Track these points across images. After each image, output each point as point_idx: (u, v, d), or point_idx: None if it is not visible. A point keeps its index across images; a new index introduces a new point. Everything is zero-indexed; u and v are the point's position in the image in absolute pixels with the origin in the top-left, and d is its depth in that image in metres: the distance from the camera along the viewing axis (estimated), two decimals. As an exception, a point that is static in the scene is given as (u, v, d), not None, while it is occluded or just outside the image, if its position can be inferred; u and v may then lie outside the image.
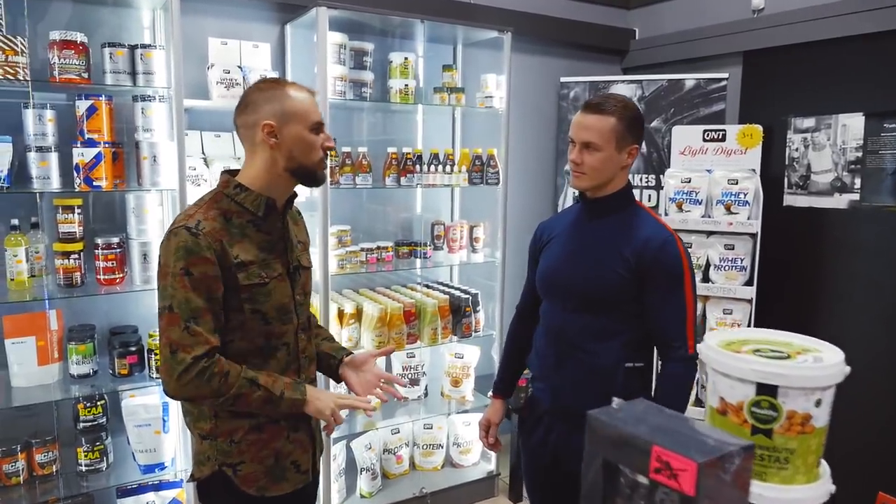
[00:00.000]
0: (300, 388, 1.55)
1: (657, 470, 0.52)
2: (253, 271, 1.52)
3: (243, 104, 1.56)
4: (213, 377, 1.42)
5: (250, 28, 2.90)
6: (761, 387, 0.72)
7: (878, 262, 2.93)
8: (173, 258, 1.44)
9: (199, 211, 1.51)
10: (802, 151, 3.17)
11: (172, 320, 1.42)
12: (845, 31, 2.92)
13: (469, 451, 3.38)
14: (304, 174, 1.59)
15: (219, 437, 1.54)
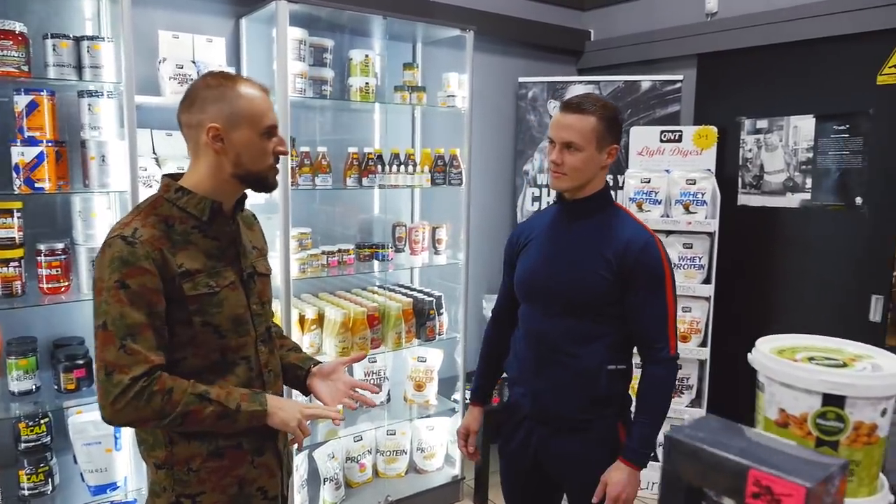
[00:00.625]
0: (259, 398, 1.41)
1: (755, 495, 0.49)
2: (200, 280, 1.39)
3: (188, 100, 1.41)
4: (154, 396, 1.28)
5: (202, 21, 2.76)
6: (828, 397, 0.69)
7: (828, 260, 3.04)
8: (108, 271, 1.30)
9: (135, 218, 1.38)
10: (756, 152, 3.25)
11: (107, 339, 1.28)
12: (796, 36, 3.02)
13: (433, 456, 3.32)
14: (253, 181, 1.45)
15: (175, 465, 1.40)
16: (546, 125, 3.72)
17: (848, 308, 2.94)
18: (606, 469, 1.73)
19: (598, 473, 1.74)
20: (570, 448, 1.79)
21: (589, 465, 1.76)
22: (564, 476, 1.85)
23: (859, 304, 2.90)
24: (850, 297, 2.95)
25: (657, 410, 1.73)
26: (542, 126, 3.73)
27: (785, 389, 0.74)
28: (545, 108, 3.72)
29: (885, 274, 2.86)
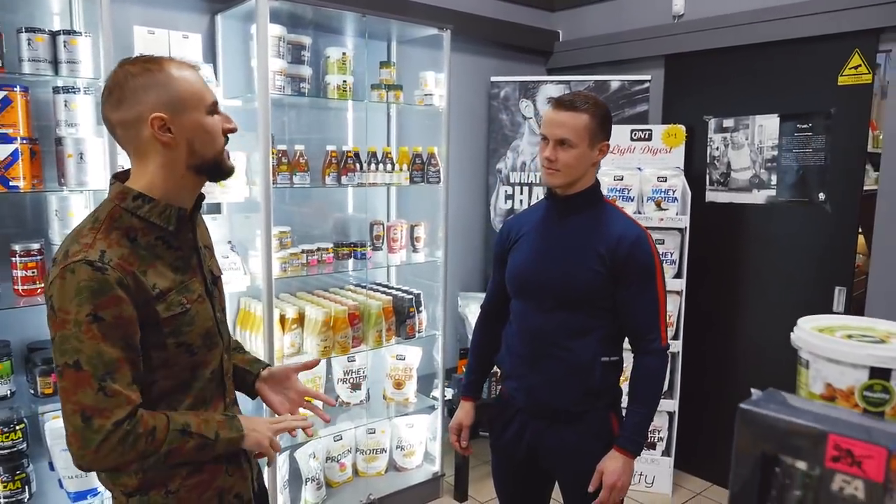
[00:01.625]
0: (234, 423, 1.34)
1: (835, 458, 0.52)
2: (173, 300, 1.27)
3: (114, 96, 1.23)
4: (139, 439, 1.18)
5: (177, 18, 2.71)
6: (875, 371, 0.74)
7: (792, 253, 3.16)
8: (74, 303, 1.15)
9: (98, 236, 1.21)
10: (723, 150, 3.37)
11: (82, 380, 1.15)
12: (760, 38, 3.13)
13: (413, 454, 3.33)
14: (210, 168, 1.32)
15: (151, 490, 1.30)
16: (518, 124, 3.77)
17: (812, 299, 3.07)
18: (598, 457, 1.78)
19: (592, 463, 1.78)
20: (565, 440, 1.83)
21: (583, 455, 1.80)
22: (558, 467, 1.89)
23: (823, 295, 3.04)
24: (814, 288, 3.08)
25: (650, 400, 1.79)
26: (515, 125, 3.78)
27: (832, 365, 0.79)
28: (517, 108, 3.77)
29: (846, 266, 3.00)
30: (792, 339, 0.87)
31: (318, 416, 1.60)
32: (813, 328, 0.84)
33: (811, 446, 0.53)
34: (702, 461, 3.49)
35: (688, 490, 3.44)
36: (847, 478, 0.52)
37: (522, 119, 3.76)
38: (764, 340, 3.27)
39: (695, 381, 3.39)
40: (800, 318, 0.89)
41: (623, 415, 1.84)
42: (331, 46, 2.96)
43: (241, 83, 2.85)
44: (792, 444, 0.54)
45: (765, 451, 0.56)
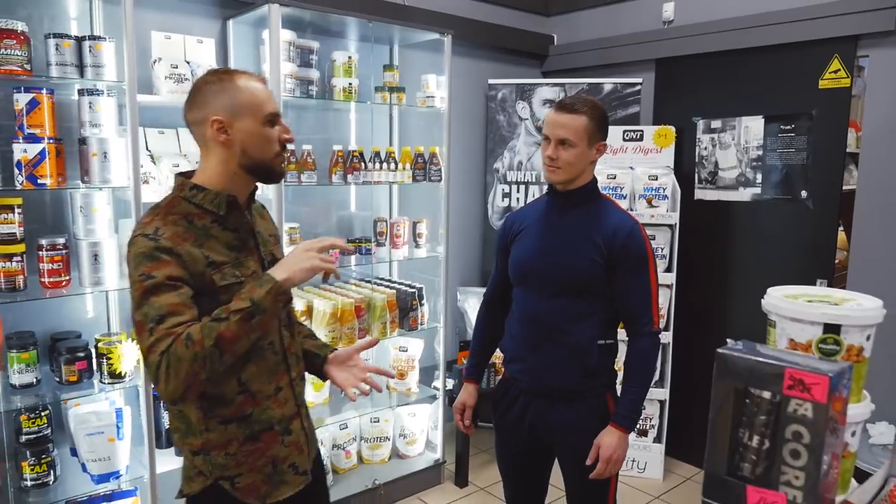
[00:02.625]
0: (262, 278, 1.41)
1: (790, 387, 0.66)
2: (227, 271, 1.44)
3: (191, 99, 1.47)
4: (177, 350, 1.30)
5: (191, 23, 2.84)
6: (828, 327, 0.89)
7: (776, 248, 3.32)
8: (133, 266, 1.37)
9: (155, 218, 1.42)
10: (711, 150, 3.52)
11: (140, 328, 1.34)
12: (746, 43, 3.29)
13: (415, 442, 3.47)
14: (261, 171, 1.49)
15: (212, 450, 1.47)
16: (515, 125, 3.92)
17: (795, 292, 3.22)
18: (596, 434, 1.92)
19: (590, 439, 1.92)
20: (565, 417, 1.97)
21: (582, 432, 1.95)
22: (558, 443, 2.03)
23: (805, 287, 3.19)
24: (797, 281, 3.20)
25: (643, 379, 1.93)
26: (511, 126, 3.92)
27: (793, 323, 0.93)
28: (514, 109, 3.91)
29: (828, 260, 3.16)
30: (762, 305, 1.01)
31: (374, 386, 1.75)
32: (781, 295, 0.99)
33: (773, 379, 0.67)
34: (691, 448, 3.64)
35: (678, 475, 3.60)
36: (799, 401, 0.67)
37: (519, 120, 3.90)
38: (750, 331, 3.40)
39: (685, 371, 3.54)
40: (769, 288, 1.03)
41: (618, 394, 1.98)
42: (337, 51, 3.09)
43: (252, 85, 2.97)
44: (758, 379, 0.68)
45: (737, 386, 0.70)
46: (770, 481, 0.70)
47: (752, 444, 0.72)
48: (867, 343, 0.99)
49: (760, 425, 0.71)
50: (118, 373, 2.43)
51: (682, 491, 3.46)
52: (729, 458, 0.74)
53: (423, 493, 3.37)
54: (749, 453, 0.72)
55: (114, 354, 2.42)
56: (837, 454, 0.76)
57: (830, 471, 0.75)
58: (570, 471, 2.03)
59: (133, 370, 2.48)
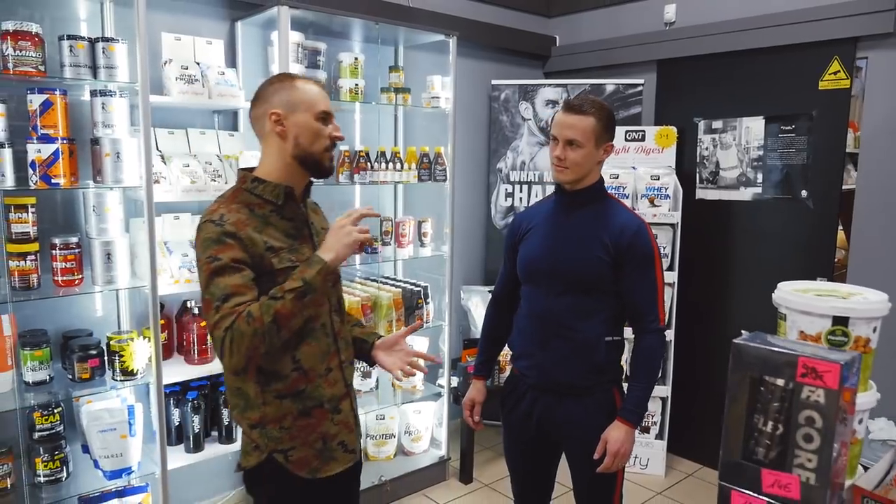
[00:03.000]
0: (312, 259, 1.54)
1: (803, 374, 0.70)
2: (284, 256, 1.56)
3: (255, 98, 1.64)
4: (240, 325, 1.44)
5: (200, 24, 2.87)
6: (836, 319, 0.93)
7: (777, 247, 3.37)
8: (201, 250, 1.51)
9: (221, 206, 1.58)
10: (712, 150, 3.57)
11: (207, 305, 1.50)
12: (747, 45, 3.34)
13: (420, 439, 3.50)
14: (311, 162, 1.62)
15: (268, 424, 1.59)
16: (518, 125, 3.95)
17: (795, 290, 3.27)
18: (603, 429, 1.96)
19: (597, 434, 1.96)
20: (573, 413, 2.01)
21: (589, 427, 1.98)
22: (566, 438, 2.06)
23: (805, 286, 3.24)
24: (798, 279, 3.28)
25: (650, 375, 1.97)
26: (514, 126, 3.96)
27: (803, 316, 0.98)
28: (517, 109, 3.95)
29: (828, 258, 3.20)
30: (773, 298, 1.05)
31: (420, 370, 1.86)
32: (791, 289, 1.03)
33: (786, 367, 0.71)
34: (693, 444, 3.68)
35: (680, 472, 3.64)
36: (812, 388, 0.71)
37: (522, 120, 3.94)
38: (751, 329, 3.46)
39: (686, 368, 3.58)
40: (779, 283, 1.07)
41: (624, 390, 2.02)
42: (343, 52, 3.13)
43: (259, 86, 3.00)
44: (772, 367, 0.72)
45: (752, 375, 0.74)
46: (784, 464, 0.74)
47: (766, 430, 0.76)
48: (874, 335, 1.03)
49: (774, 411, 0.75)
50: (130, 370, 2.46)
51: (684, 487, 3.50)
52: (744, 443, 0.77)
53: (428, 489, 3.41)
54: (763, 438, 0.76)
55: (126, 352, 2.45)
56: (846, 442, 0.80)
57: (840, 457, 0.79)
58: (577, 465, 2.07)
59: (144, 367, 2.51)
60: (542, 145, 3.93)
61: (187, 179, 2.61)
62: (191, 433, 2.73)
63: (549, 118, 3.90)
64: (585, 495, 2.11)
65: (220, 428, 2.82)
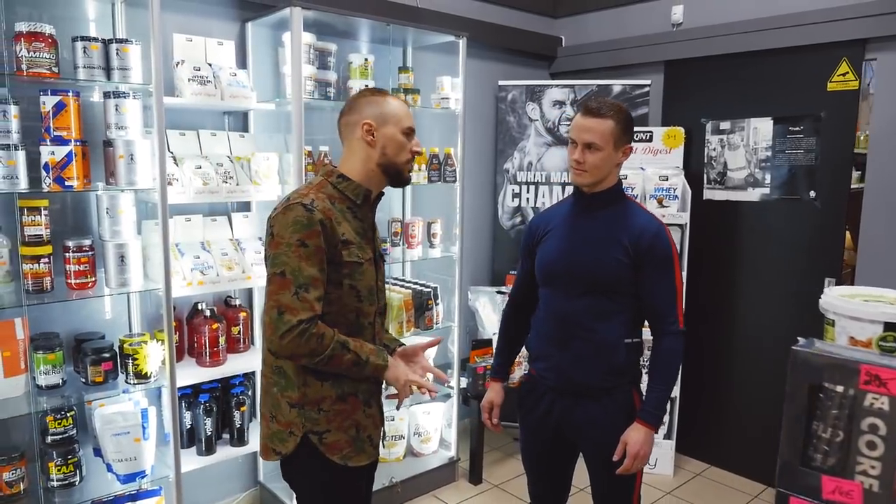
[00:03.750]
0: (383, 354, 1.71)
1: (866, 382, 0.70)
2: (352, 251, 1.67)
3: (347, 107, 1.78)
4: (311, 338, 1.56)
5: (211, 25, 2.86)
6: (888, 325, 0.94)
7: (785, 247, 3.38)
8: (290, 230, 1.58)
9: (311, 191, 1.68)
10: (719, 151, 3.58)
11: (284, 285, 1.57)
12: (754, 46, 3.34)
13: (429, 440, 3.50)
14: (393, 171, 1.77)
15: (306, 405, 1.67)
16: (525, 126, 3.95)
17: (804, 290, 3.28)
18: (622, 430, 1.96)
19: (616, 435, 1.96)
20: (592, 414, 2.01)
21: (608, 428, 1.98)
22: (584, 439, 2.06)
23: (814, 287, 3.24)
24: (805, 280, 3.30)
25: (670, 377, 1.97)
26: (521, 127, 3.96)
27: (853, 322, 0.98)
28: (524, 110, 3.95)
29: (836, 259, 3.22)
30: (821, 304, 1.05)
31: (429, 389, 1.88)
32: (838, 295, 1.03)
33: (848, 374, 0.72)
34: (701, 444, 3.69)
35: (688, 471, 3.65)
36: (876, 395, 0.71)
37: (529, 121, 3.94)
38: (759, 330, 3.48)
39: (695, 369, 3.59)
40: (826, 288, 1.08)
41: (643, 392, 2.02)
42: (353, 53, 3.12)
43: (269, 87, 2.99)
44: (833, 374, 0.72)
45: (811, 381, 0.75)
46: (845, 471, 0.74)
47: (825, 436, 0.76)
48: (923, 340, 1.05)
49: (833, 418, 0.75)
50: (144, 373, 2.45)
51: (693, 486, 3.51)
52: (802, 449, 0.78)
53: (438, 490, 3.41)
54: (822, 444, 0.77)
55: (140, 355, 2.44)
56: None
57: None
58: (595, 467, 2.07)
59: (158, 370, 2.50)
60: (549, 146, 3.94)
61: (199, 181, 2.60)
62: (203, 436, 2.72)
63: (556, 119, 3.91)
64: (604, 497, 2.11)
65: (232, 430, 2.81)
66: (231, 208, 2.95)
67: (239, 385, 2.82)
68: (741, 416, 3.57)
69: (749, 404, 3.54)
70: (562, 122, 3.90)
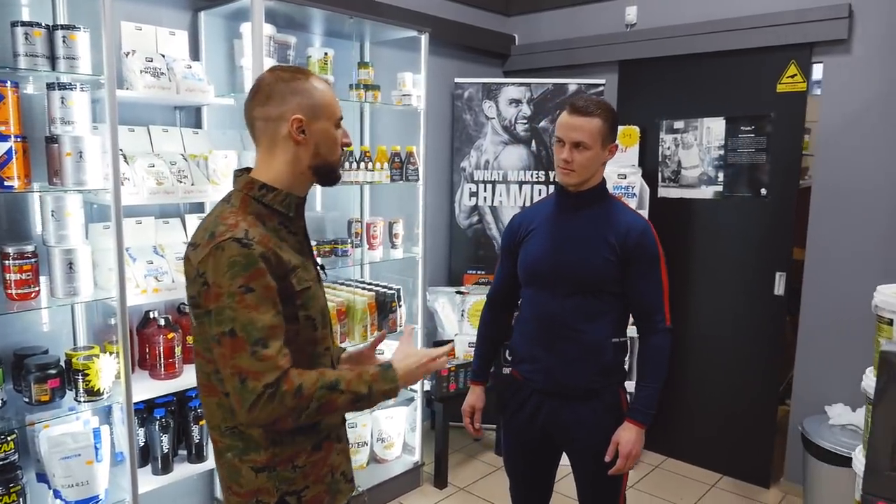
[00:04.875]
0: (389, 374, 1.43)
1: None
2: (301, 275, 1.40)
3: (264, 95, 1.40)
4: (285, 397, 1.27)
5: (161, 14, 2.66)
6: None
7: (738, 243, 3.48)
8: (228, 276, 1.28)
9: (239, 218, 1.35)
10: (673, 150, 3.65)
11: (237, 346, 1.27)
12: (707, 48, 3.43)
13: (392, 446, 3.41)
14: (326, 172, 1.47)
15: (278, 466, 1.41)
16: (482, 124, 3.92)
17: (756, 284, 3.39)
18: (610, 430, 1.94)
19: (605, 435, 1.95)
20: (580, 415, 1.98)
21: (597, 428, 1.97)
22: (572, 441, 2.04)
23: (765, 280, 3.37)
24: (757, 274, 3.41)
25: (659, 375, 1.97)
26: (478, 125, 3.92)
27: None
28: (480, 108, 3.91)
29: (786, 254, 3.34)
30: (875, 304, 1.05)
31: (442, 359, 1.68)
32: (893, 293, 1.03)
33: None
34: (658, 437, 3.76)
35: (647, 464, 3.71)
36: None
37: (485, 119, 3.91)
38: (713, 323, 3.57)
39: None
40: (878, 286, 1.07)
41: (629, 390, 2.01)
42: (311, 46, 2.99)
43: (224, 81, 2.82)
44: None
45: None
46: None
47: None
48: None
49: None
50: (96, 389, 2.25)
51: (653, 478, 3.57)
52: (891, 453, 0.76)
53: (403, 496, 3.32)
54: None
55: (91, 370, 2.24)
56: None
57: None
58: (583, 468, 2.05)
59: (111, 386, 2.30)
60: (506, 144, 3.91)
61: (153, 181, 2.42)
62: (159, 454, 2.54)
63: (513, 117, 3.89)
64: (591, 498, 2.09)
65: (190, 445, 2.64)
66: (184, 210, 2.76)
67: (196, 397, 2.65)
68: (696, 408, 3.66)
69: (703, 396, 3.63)
70: (518, 120, 3.88)
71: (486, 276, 4.00)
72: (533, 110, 3.86)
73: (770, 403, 3.43)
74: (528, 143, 3.90)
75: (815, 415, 3.16)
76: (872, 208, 3.06)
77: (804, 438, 3.03)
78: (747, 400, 3.47)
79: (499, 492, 3.36)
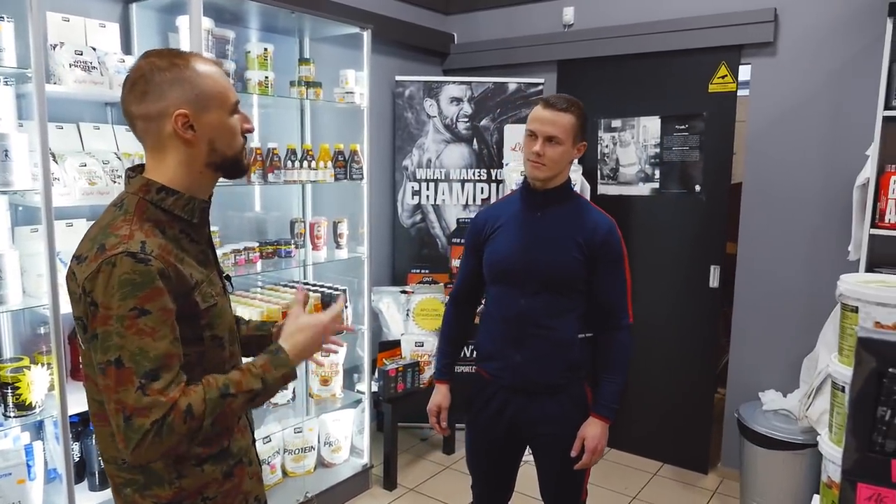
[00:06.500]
0: (280, 359, 1.29)
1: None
2: (206, 291, 1.25)
3: (138, 89, 1.20)
4: (174, 425, 1.12)
5: (89, 5, 2.52)
6: None
7: (674, 238, 3.61)
8: (118, 296, 1.11)
9: (133, 227, 1.17)
10: (612, 148, 3.74)
11: (123, 378, 1.11)
12: (642, 49, 3.53)
13: (340, 449, 3.35)
14: (229, 166, 1.30)
15: (185, 500, 1.27)
16: (423, 122, 3.90)
17: (692, 277, 3.52)
18: (577, 423, 1.98)
19: (571, 429, 1.98)
20: (547, 410, 2.01)
21: (564, 423, 2.00)
22: (538, 435, 2.05)
23: (700, 273, 3.50)
24: (693, 268, 3.54)
25: (622, 370, 2.01)
26: (420, 123, 3.91)
27: (879, 307, 1.03)
28: (421, 106, 3.90)
29: (720, 248, 3.48)
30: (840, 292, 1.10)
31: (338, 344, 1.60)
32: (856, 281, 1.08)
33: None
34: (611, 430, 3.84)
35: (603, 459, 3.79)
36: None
37: (427, 118, 3.90)
38: (651, 315, 3.68)
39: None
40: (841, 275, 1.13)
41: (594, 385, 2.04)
42: (250, 42, 2.90)
43: (158, 76, 2.70)
44: (896, 358, 0.75)
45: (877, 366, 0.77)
46: (915, 453, 0.77)
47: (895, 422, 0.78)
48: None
49: (900, 401, 0.77)
50: (27, 403, 2.11)
51: (598, 469, 3.64)
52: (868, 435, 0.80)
53: (352, 500, 3.28)
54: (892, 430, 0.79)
55: (22, 382, 2.10)
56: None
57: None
58: (548, 461, 2.08)
59: (43, 399, 2.17)
60: (448, 143, 3.91)
61: (85, 181, 2.28)
62: (96, 468, 2.40)
63: (454, 116, 3.89)
64: (553, 491, 2.12)
65: (129, 459, 2.51)
66: (118, 211, 2.62)
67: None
68: (636, 399, 3.77)
69: (643, 387, 3.74)
70: (460, 118, 3.89)
71: (431, 275, 3.99)
72: (474, 109, 3.88)
73: (707, 393, 3.57)
74: (469, 141, 3.92)
75: (750, 401, 3.30)
76: (799, 204, 3.23)
77: (740, 424, 3.16)
78: (685, 390, 3.60)
79: (448, 490, 3.36)
